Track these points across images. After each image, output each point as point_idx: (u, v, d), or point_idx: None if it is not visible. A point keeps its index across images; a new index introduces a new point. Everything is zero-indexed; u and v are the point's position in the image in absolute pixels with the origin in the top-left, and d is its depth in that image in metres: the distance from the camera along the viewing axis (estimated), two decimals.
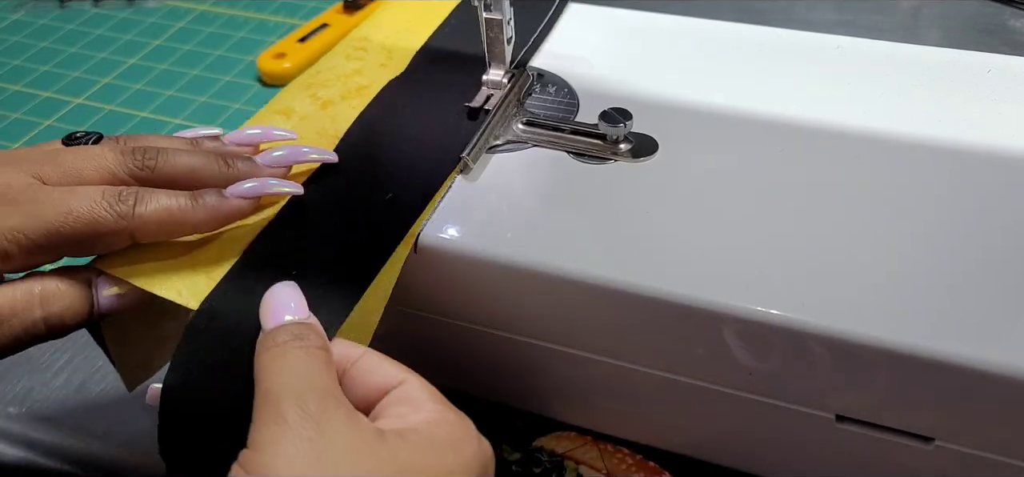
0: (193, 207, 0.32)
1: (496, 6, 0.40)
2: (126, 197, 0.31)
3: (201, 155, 0.34)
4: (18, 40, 0.73)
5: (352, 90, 0.43)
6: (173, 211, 0.32)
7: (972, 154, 0.37)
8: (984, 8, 0.69)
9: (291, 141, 0.38)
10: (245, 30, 0.72)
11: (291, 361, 0.27)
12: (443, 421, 0.28)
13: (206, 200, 0.33)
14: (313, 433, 0.25)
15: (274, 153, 0.36)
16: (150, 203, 0.32)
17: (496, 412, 0.41)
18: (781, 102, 0.41)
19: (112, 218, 0.31)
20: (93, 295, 0.32)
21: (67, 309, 0.31)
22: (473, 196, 0.37)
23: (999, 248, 0.33)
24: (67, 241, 0.31)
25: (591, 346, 0.35)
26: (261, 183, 0.34)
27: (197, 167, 0.34)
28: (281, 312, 0.29)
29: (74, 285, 0.31)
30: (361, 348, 0.30)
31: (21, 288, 0.30)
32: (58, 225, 0.30)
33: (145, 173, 0.33)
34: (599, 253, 0.33)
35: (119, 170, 0.33)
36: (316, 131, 0.40)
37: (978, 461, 0.31)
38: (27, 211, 0.30)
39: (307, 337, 0.28)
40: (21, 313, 0.30)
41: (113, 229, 0.31)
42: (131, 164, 0.33)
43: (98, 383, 0.44)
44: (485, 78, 0.42)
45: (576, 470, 0.38)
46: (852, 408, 0.32)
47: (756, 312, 0.31)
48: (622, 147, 0.38)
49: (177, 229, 0.33)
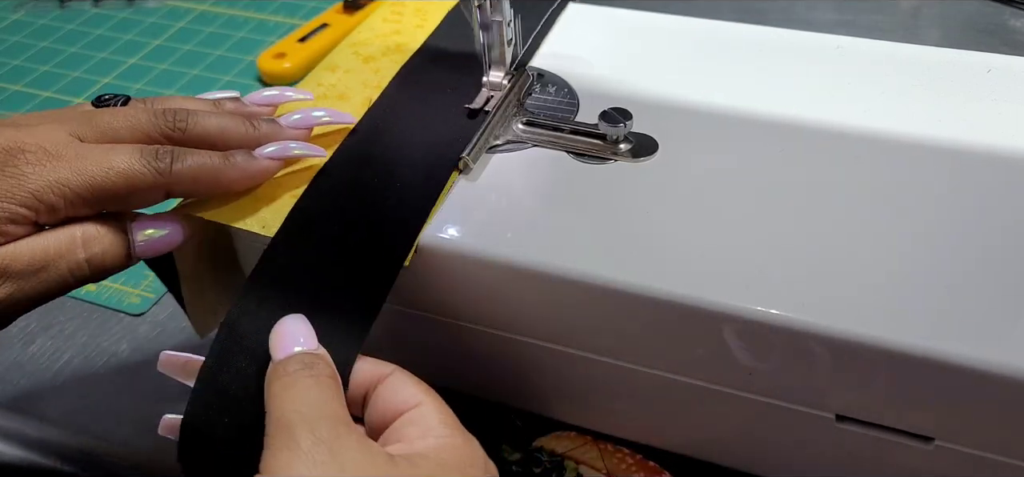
0: (225, 166, 0.34)
1: (496, 7, 0.40)
2: (163, 155, 0.33)
3: (228, 117, 0.36)
4: (18, 40, 0.73)
5: (392, 47, 0.46)
6: (207, 169, 0.34)
7: (972, 154, 0.37)
8: (984, 8, 0.69)
9: (307, 102, 0.40)
10: (245, 30, 0.72)
11: (302, 389, 0.28)
12: (452, 446, 0.29)
13: (236, 159, 0.35)
14: (326, 458, 0.26)
15: (293, 116, 0.38)
16: (186, 160, 0.34)
17: (496, 412, 0.41)
18: (781, 102, 0.41)
19: (150, 174, 0.33)
20: (130, 239, 0.34)
21: (107, 251, 0.33)
22: (473, 196, 0.37)
23: (999, 248, 0.33)
24: (108, 195, 0.32)
25: (591, 346, 0.35)
26: (284, 146, 0.36)
27: (225, 127, 0.36)
28: (290, 344, 0.30)
29: (112, 229, 0.33)
30: (391, 366, 0.31)
31: (64, 233, 0.32)
32: (100, 179, 0.32)
33: (177, 133, 0.35)
34: (599, 253, 0.33)
35: (152, 130, 0.35)
36: (361, 82, 0.44)
37: (978, 461, 0.31)
38: (71, 166, 0.32)
39: (317, 366, 0.29)
40: (66, 255, 0.32)
41: (151, 184, 0.33)
42: (163, 124, 0.35)
43: (98, 384, 0.44)
44: (485, 79, 0.42)
45: (576, 470, 0.38)
46: (852, 408, 0.32)
47: (756, 312, 0.31)
48: (622, 147, 0.38)
49: (210, 186, 0.35)
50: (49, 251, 0.32)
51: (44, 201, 0.31)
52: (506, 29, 0.40)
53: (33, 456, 0.42)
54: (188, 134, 0.35)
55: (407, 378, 0.31)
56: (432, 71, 0.44)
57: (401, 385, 0.30)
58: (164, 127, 0.35)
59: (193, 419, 0.31)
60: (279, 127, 0.37)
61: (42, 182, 0.31)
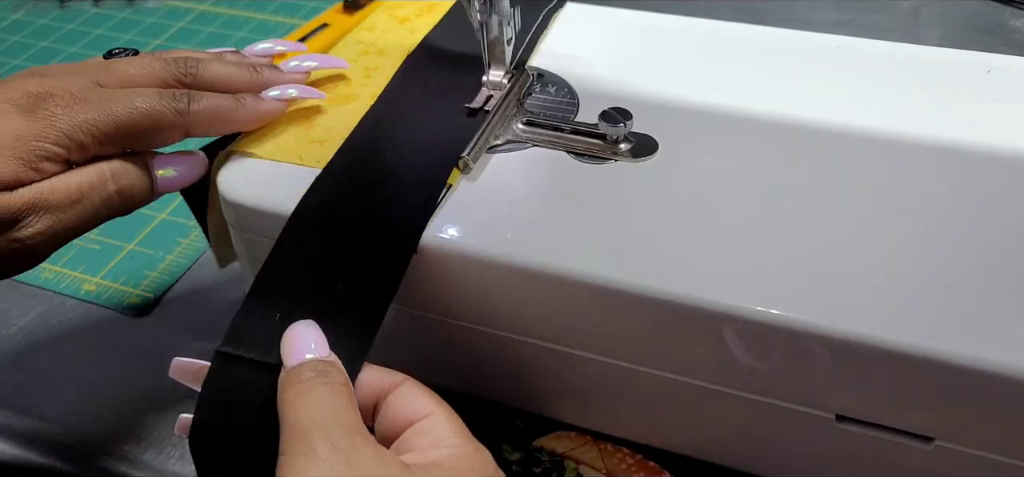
0: (236, 106, 0.38)
1: (496, 7, 0.40)
2: (180, 96, 0.36)
3: (233, 65, 0.40)
4: (18, 40, 0.73)
5: (424, 8, 0.50)
6: (221, 109, 0.38)
7: (972, 154, 0.37)
8: (984, 8, 0.69)
9: (301, 52, 0.43)
10: (245, 30, 0.72)
11: (317, 397, 0.28)
12: (463, 455, 0.29)
13: (246, 100, 0.39)
14: (343, 466, 0.26)
15: (291, 63, 0.42)
16: (202, 101, 0.37)
17: (496, 412, 0.41)
18: (781, 102, 0.41)
19: (171, 113, 0.36)
20: (152, 175, 0.37)
21: (134, 184, 0.36)
22: (473, 196, 0.37)
23: (999, 248, 0.33)
24: (132, 133, 0.35)
25: (591, 346, 0.35)
26: (284, 89, 0.40)
27: (231, 74, 0.39)
28: (302, 350, 0.30)
29: (137, 165, 0.36)
30: (401, 376, 0.32)
31: (95, 169, 0.35)
32: (126, 119, 0.35)
33: (189, 79, 0.38)
34: (599, 253, 0.33)
35: (166, 76, 0.38)
36: (396, 44, 0.46)
37: (978, 461, 0.31)
38: (97, 108, 0.35)
39: (330, 374, 0.29)
40: (98, 187, 0.35)
41: (171, 123, 0.36)
42: (175, 70, 0.38)
43: (98, 383, 0.44)
44: (485, 79, 0.42)
45: (576, 470, 0.38)
46: (852, 408, 0.32)
47: (756, 312, 0.31)
48: (622, 147, 0.38)
49: (224, 125, 0.38)
50: (82, 185, 0.34)
51: (74, 140, 0.34)
52: (506, 28, 0.40)
53: (32, 455, 0.42)
54: (198, 80, 0.38)
55: (417, 388, 0.31)
56: (432, 70, 0.44)
57: (412, 395, 0.31)
58: (177, 73, 0.38)
59: (202, 424, 0.31)
60: (279, 72, 0.41)
61: (72, 122, 0.34)
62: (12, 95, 0.34)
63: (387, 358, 0.32)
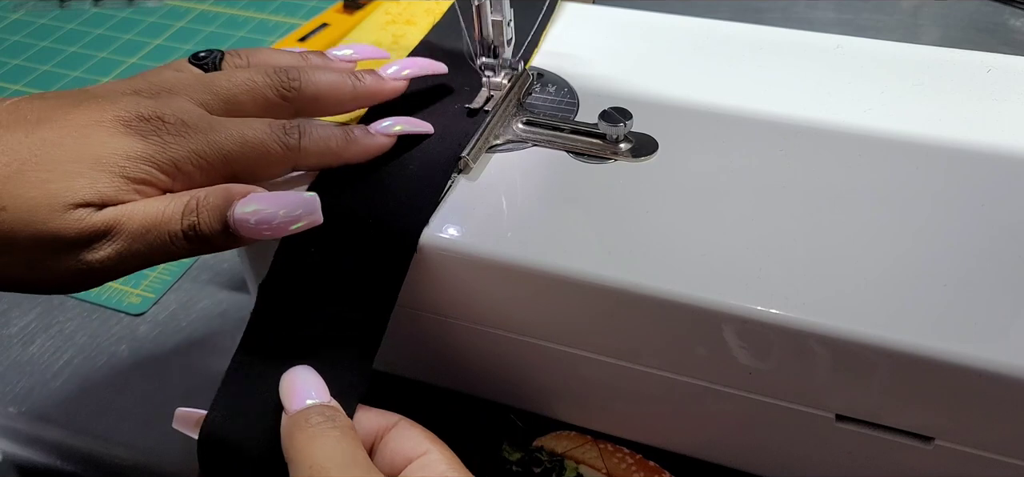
0: (347, 142, 0.36)
1: (496, 6, 0.40)
2: (291, 129, 0.35)
3: (335, 73, 0.38)
4: (18, 39, 0.73)
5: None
6: (331, 146, 0.36)
7: (972, 154, 0.37)
8: (984, 8, 0.69)
9: (384, 57, 0.42)
10: (245, 30, 0.72)
11: (331, 440, 0.29)
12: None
13: (356, 135, 0.37)
14: None
15: (391, 67, 0.40)
16: (313, 136, 0.35)
17: (496, 412, 0.41)
18: (781, 102, 0.41)
19: (281, 149, 0.34)
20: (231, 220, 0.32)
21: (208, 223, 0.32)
22: (473, 196, 0.37)
23: (999, 248, 0.33)
24: (239, 167, 0.34)
25: (591, 346, 0.35)
26: (392, 124, 0.38)
27: (335, 83, 0.38)
28: (303, 395, 0.31)
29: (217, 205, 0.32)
30: (395, 416, 0.32)
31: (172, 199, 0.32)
32: (235, 152, 0.33)
33: (292, 93, 0.37)
34: (599, 253, 0.33)
35: (269, 93, 0.36)
36: None
37: (978, 461, 0.31)
38: (206, 138, 0.33)
39: (338, 419, 0.30)
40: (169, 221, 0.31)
41: (280, 158, 0.34)
42: (278, 83, 0.36)
43: (98, 383, 0.44)
44: (485, 78, 0.42)
45: (576, 470, 0.38)
46: (852, 408, 0.32)
47: (756, 311, 0.31)
48: (622, 147, 0.38)
49: (333, 161, 0.36)
50: (158, 216, 0.31)
51: (182, 169, 0.32)
52: (506, 28, 0.40)
53: (33, 455, 0.42)
54: (303, 92, 0.37)
55: (413, 427, 0.32)
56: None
57: (408, 434, 0.32)
58: (279, 86, 0.36)
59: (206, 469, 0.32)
60: (381, 79, 0.39)
61: (182, 151, 0.32)
62: (122, 113, 0.32)
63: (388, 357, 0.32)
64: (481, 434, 0.40)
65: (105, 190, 0.31)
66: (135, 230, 0.31)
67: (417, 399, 0.41)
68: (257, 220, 0.31)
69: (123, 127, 0.32)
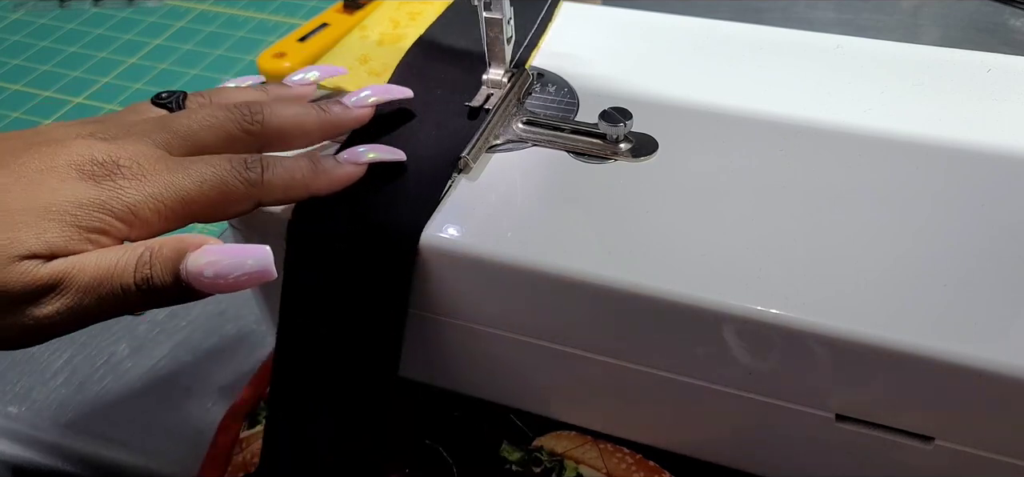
0: (313, 174, 0.35)
1: (496, 6, 0.40)
2: (253, 164, 0.33)
3: (300, 105, 0.37)
4: (18, 39, 0.73)
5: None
6: (296, 177, 0.34)
7: (972, 154, 0.37)
8: (984, 8, 0.69)
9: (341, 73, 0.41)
10: (245, 29, 0.72)
11: None
12: None
13: (324, 166, 0.35)
14: None
15: (361, 93, 0.39)
16: (276, 170, 0.33)
17: (496, 412, 0.41)
18: (781, 101, 0.41)
19: (243, 185, 0.32)
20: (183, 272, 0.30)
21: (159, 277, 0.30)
22: (473, 196, 0.36)
23: (999, 248, 0.33)
24: (200, 208, 0.32)
25: (591, 346, 0.35)
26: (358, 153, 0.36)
27: (300, 116, 0.36)
28: None
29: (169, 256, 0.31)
30: None
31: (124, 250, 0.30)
32: (194, 193, 0.32)
33: (256, 128, 0.35)
34: (599, 252, 0.33)
35: (232, 129, 0.34)
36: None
37: (978, 461, 0.31)
38: (164, 181, 0.31)
39: None
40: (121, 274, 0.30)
41: (243, 195, 0.33)
42: (240, 119, 0.35)
43: (98, 383, 0.44)
44: (485, 78, 0.42)
45: (576, 470, 0.38)
46: (852, 407, 0.32)
47: (756, 311, 0.31)
48: (622, 146, 0.38)
49: (299, 193, 0.35)
50: (109, 268, 0.30)
51: (139, 216, 0.31)
52: (506, 27, 0.40)
53: (33, 456, 0.42)
54: (267, 126, 0.35)
55: None
56: (430, 69, 0.44)
57: None
58: (242, 121, 0.35)
59: None
60: (347, 109, 0.38)
61: (140, 196, 0.31)
62: (75, 158, 0.30)
63: None
64: (481, 434, 0.40)
65: (54, 240, 0.29)
66: (86, 283, 0.29)
67: (417, 399, 0.41)
68: (214, 274, 0.30)
69: (76, 172, 0.30)
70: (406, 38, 0.47)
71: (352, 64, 0.46)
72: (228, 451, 0.40)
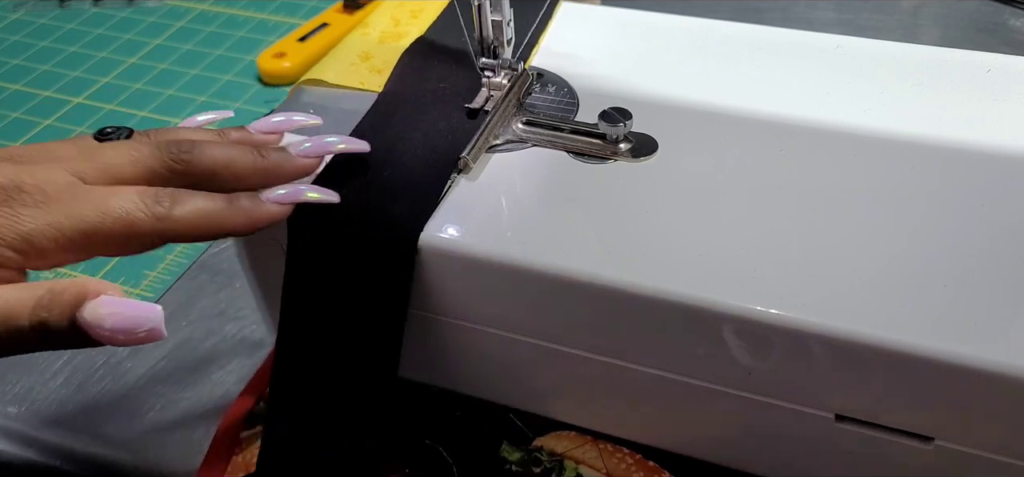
0: (229, 210, 0.32)
1: (496, 6, 0.40)
2: (162, 198, 0.31)
3: (235, 147, 0.34)
4: (18, 39, 0.73)
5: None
6: (209, 214, 0.32)
7: (972, 154, 0.37)
8: (984, 8, 0.69)
9: (316, 123, 0.38)
10: (245, 29, 0.72)
11: None
12: None
13: (242, 203, 0.33)
14: None
15: (305, 144, 0.36)
16: (186, 205, 0.31)
17: (496, 412, 0.41)
18: (781, 101, 0.41)
19: (148, 219, 0.31)
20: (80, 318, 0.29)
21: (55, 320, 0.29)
22: (473, 196, 0.36)
23: (999, 248, 0.33)
24: (102, 240, 0.30)
25: (591, 346, 0.35)
26: (294, 191, 0.34)
27: (232, 158, 0.34)
28: None
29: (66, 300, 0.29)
30: None
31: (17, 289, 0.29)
32: (96, 224, 0.30)
33: (181, 166, 0.33)
34: (599, 252, 0.33)
35: (156, 165, 0.33)
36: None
37: (978, 461, 0.31)
38: (66, 210, 0.30)
39: None
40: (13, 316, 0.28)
41: (149, 230, 0.31)
42: (167, 157, 0.33)
43: (98, 383, 0.44)
44: (484, 78, 0.42)
45: (576, 470, 0.38)
46: (851, 408, 0.32)
47: (756, 311, 0.31)
48: (622, 147, 0.38)
49: (212, 231, 0.32)
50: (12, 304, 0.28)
51: (35, 245, 0.29)
52: (506, 28, 0.40)
53: (33, 456, 0.42)
54: (193, 166, 0.33)
55: None
56: (430, 69, 0.44)
57: None
58: (168, 160, 0.33)
59: None
60: (289, 156, 0.35)
61: (37, 225, 0.29)
62: None
63: None
64: (481, 434, 0.40)
65: None
66: None
67: (417, 399, 0.41)
68: (111, 326, 0.28)
69: None
70: (408, 36, 0.47)
71: (354, 61, 0.46)
72: (228, 451, 0.40)
